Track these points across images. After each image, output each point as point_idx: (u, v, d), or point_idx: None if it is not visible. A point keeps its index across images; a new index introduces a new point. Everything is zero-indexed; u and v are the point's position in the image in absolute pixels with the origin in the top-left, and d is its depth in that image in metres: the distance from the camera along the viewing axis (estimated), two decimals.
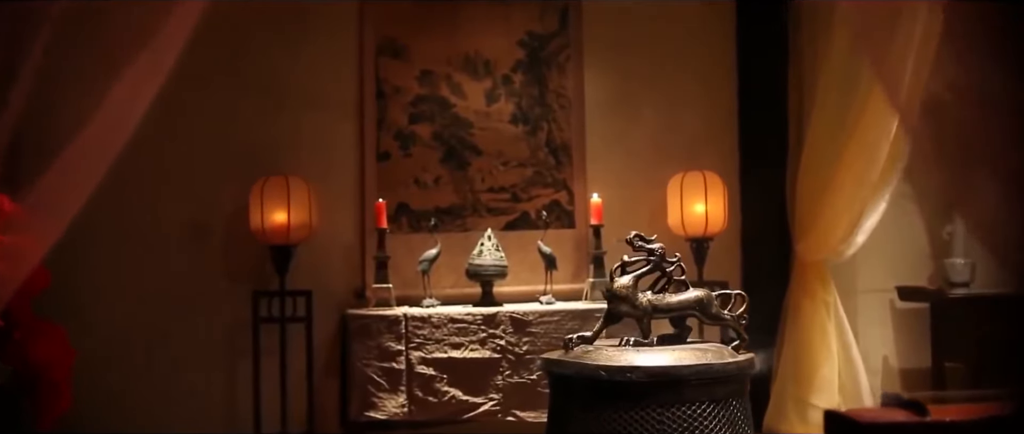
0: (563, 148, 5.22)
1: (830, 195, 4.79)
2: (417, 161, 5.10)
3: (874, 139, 4.53)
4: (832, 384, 5.05)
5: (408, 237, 5.04)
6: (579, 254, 5.17)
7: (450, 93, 5.13)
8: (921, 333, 5.41)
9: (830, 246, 4.96)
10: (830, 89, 4.81)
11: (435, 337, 4.58)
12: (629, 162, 5.27)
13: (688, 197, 4.96)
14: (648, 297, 3.11)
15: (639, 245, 3.16)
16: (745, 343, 3.12)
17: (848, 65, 4.69)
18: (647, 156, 5.25)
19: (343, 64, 5.10)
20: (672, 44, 5.33)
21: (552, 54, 5.21)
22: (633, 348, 3.04)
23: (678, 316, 3.15)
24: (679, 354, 2.96)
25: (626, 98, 5.30)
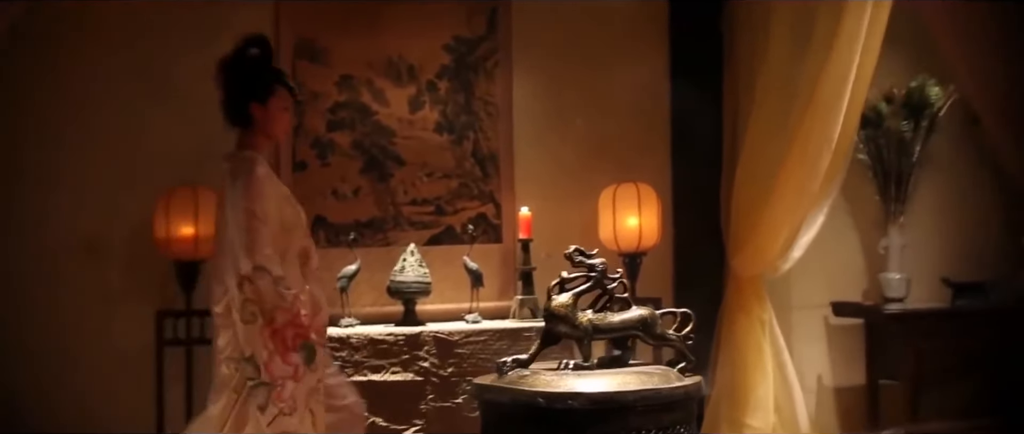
0: (490, 158, 4.99)
1: (769, 207, 4.62)
2: (335, 171, 4.83)
3: (816, 148, 4.39)
4: (767, 404, 4.91)
5: (325, 252, 4.65)
6: (506, 270, 4.94)
7: (371, 99, 4.87)
8: (856, 350, 5.31)
9: (767, 260, 4.80)
10: (768, 96, 4.66)
11: (354, 360, 4.32)
12: (559, 173, 5.06)
13: (621, 210, 4.77)
14: (589, 316, 2.88)
15: (579, 260, 2.93)
16: (692, 365, 2.91)
17: (788, 70, 4.54)
18: (578, 167, 5.05)
19: None
20: (604, 51, 5.14)
21: (479, 59, 4.97)
22: (573, 372, 2.81)
23: (621, 337, 2.93)
24: (623, 378, 2.74)
25: (556, 106, 5.09)
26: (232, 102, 3.43)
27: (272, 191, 3.34)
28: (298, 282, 3.29)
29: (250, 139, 3.44)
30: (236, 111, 3.43)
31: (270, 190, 3.32)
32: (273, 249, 3.20)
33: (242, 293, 3.14)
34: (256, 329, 3.12)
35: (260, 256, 3.14)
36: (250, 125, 3.43)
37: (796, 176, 4.49)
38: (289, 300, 3.14)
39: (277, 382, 3.11)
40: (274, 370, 3.10)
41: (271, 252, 3.18)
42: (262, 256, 3.15)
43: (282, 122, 3.51)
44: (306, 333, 3.19)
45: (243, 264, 3.14)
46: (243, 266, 3.14)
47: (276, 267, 3.17)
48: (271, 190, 3.33)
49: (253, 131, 3.44)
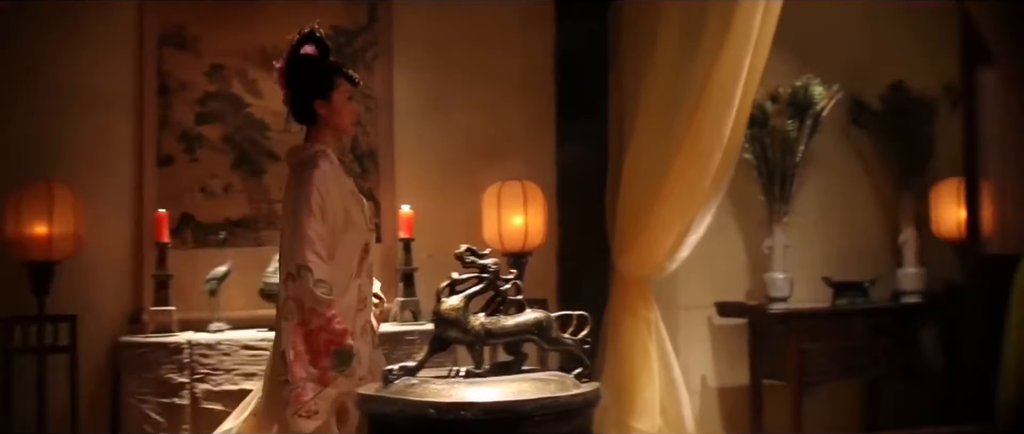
0: (370, 154, 4.79)
1: (657, 207, 4.54)
2: (205, 166, 4.57)
3: (706, 147, 4.32)
4: (654, 406, 4.84)
5: (193, 252, 4.51)
6: (387, 270, 4.72)
7: (244, 91, 4.61)
8: (739, 350, 5.29)
9: (655, 261, 4.73)
10: (656, 95, 4.58)
11: (225, 366, 4.10)
12: (442, 170, 4.89)
13: (506, 208, 4.63)
14: (481, 320, 2.70)
15: (470, 261, 2.76)
16: (589, 370, 2.77)
17: (676, 69, 4.47)
18: (462, 164, 4.90)
19: (119, 55, 4.54)
20: (489, 46, 4.99)
21: (359, 51, 4.77)
22: (465, 380, 2.63)
23: (515, 341, 2.76)
24: (519, 386, 2.57)
25: (439, 101, 4.92)
26: (296, 102, 3.43)
27: (335, 186, 3.30)
28: (352, 279, 3.26)
29: (317, 134, 3.42)
30: (301, 110, 3.43)
31: (333, 185, 3.29)
32: (324, 247, 3.18)
33: (285, 290, 3.14)
34: (291, 327, 3.09)
35: (306, 255, 3.12)
36: (316, 121, 3.42)
37: (686, 176, 4.42)
38: (324, 304, 3.07)
39: (298, 384, 3.03)
40: (297, 372, 3.03)
41: (316, 253, 3.14)
42: (308, 255, 3.12)
43: (348, 114, 3.48)
44: (340, 339, 3.07)
45: (290, 261, 3.15)
46: (289, 263, 3.15)
47: (320, 269, 3.11)
48: (334, 185, 3.30)
49: (319, 127, 3.42)
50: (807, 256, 5.31)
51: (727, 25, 4.22)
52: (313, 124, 3.43)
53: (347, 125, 3.53)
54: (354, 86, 3.50)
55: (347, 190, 3.38)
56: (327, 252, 3.17)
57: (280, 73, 3.43)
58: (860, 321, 5.21)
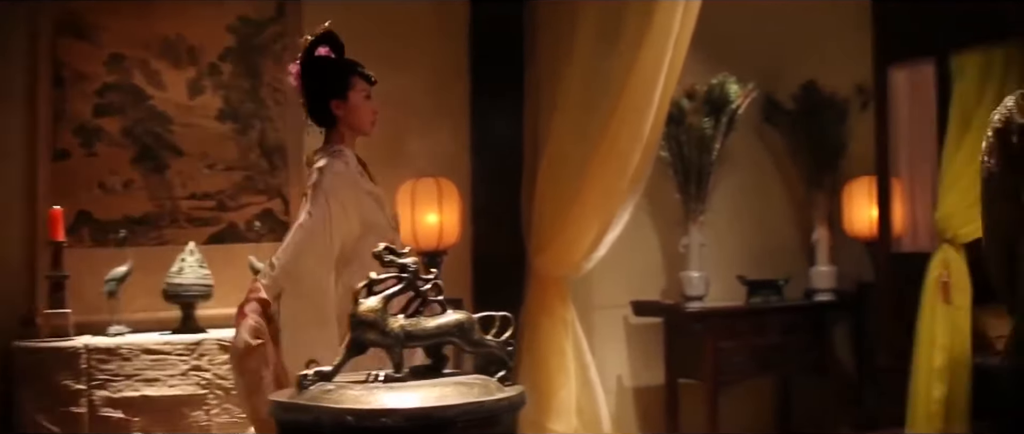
0: (278, 150, 4.62)
1: (575, 206, 4.47)
2: (103, 161, 4.34)
3: (626, 146, 4.27)
4: (570, 407, 4.79)
5: (91, 252, 4.28)
6: None
7: (146, 82, 4.40)
8: (655, 349, 5.27)
9: (572, 261, 4.67)
10: (573, 94, 4.51)
11: (125, 372, 3.90)
12: None
13: (420, 206, 4.52)
14: (400, 322, 2.57)
15: (389, 260, 2.63)
16: (512, 373, 2.67)
17: (595, 68, 4.40)
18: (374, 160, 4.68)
19: (12, 43, 4.27)
20: (403, 41, 4.85)
21: (267, 43, 4.59)
22: (384, 385, 2.49)
23: (436, 344, 2.64)
24: (441, 391, 2.45)
25: None
26: (313, 104, 3.43)
27: (350, 191, 3.30)
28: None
29: (336, 135, 3.43)
30: (319, 112, 3.43)
31: (347, 190, 3.29)
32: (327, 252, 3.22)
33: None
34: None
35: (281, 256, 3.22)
36: (334, 123, 3.42)
37: (604, 174, 4.36)
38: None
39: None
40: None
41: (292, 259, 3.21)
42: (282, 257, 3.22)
43: (366, 113, 3.47)
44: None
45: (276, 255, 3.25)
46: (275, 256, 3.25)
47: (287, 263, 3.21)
48: (349, 190, 3.30)
49: (338, 128, 3.43)
50: (722, 255, 5.32)
51: (647, 23, 4.18)
52: (332, 126, 3.43)
53: (366, 124, 3.50)
54: (371, 84, 3.48)
55: (363, 192, 3.36)
56: (344, 258, 3.21)
57: (295, 76, 3.41)
58: (774, 319, 5.25)
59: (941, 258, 4.37)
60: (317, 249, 3.21)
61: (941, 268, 4.36)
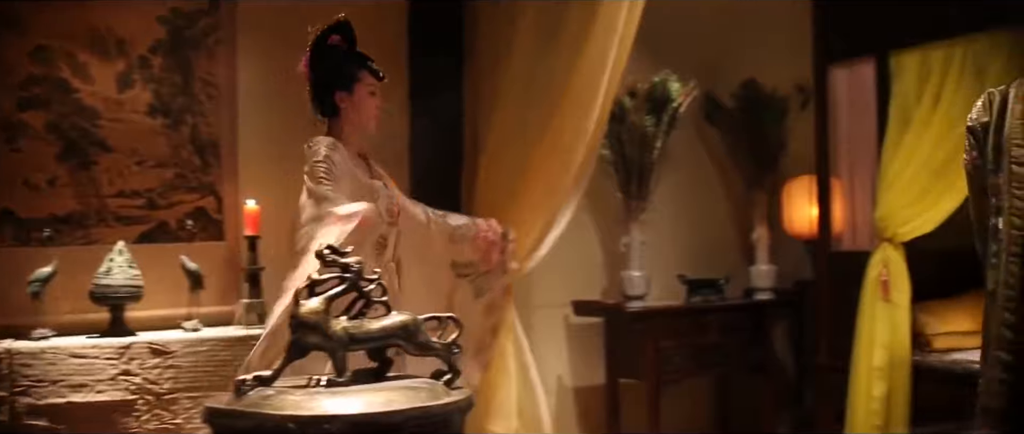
0: (211, 146, 4.49)
1: (516, 205, 4.39)
2: (27, 157, 4.18)
3: (569, 143, 4.20)
4: (510, 408, 4.69)
5: (13, 251, 4.13)
6: (230, 271, 4.46)
7: (72, 75, 4.23)
8: (595, 349, 5.22)
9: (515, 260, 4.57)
10: (515, 92, 4.43)
11: (50, 377, 3.75)
12: (289, 164, 4.51)
13: None
14: (343, 324, 2.49)
15: (331, 259, 2.54)
16: (458, 376, 2.59)
17: (537, 65, 4.33)
18: None
19: None
20: None
21: (200, 35, 4.45)
22: (327, 390, 2.41)
23: (380, 346, 2.56)
24: (387, 395, 2.37)
25: (287, 92, 4.54)
26: (318, 94, 3.44)
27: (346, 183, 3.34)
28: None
29: (337, 128, 3.45)
30: (323, 102, 3.44)
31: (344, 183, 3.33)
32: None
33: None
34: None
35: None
36: (337, 114, 3.44)
37: (547, 172, 4.29)
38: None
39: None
40: None
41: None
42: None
43: (370, 108, 3.48)
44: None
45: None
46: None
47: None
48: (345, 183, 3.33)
49: (340, 120, 3.45)
50: (662, 254, 5.29)
51: (590, 19, 4.12)
52: (334, 117, 3.44)
53: (369, 120, 3.49)
54: (379, 80, 3.46)
55: (359, 184, 3.38)
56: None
57: (304, 63, 3.40)
58: (714, 318, 5.24)
59: (881, 257, 4.39)
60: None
61: (881, 266, 4.37)
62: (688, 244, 5.49)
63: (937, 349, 4.43)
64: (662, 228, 5.30)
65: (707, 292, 5.26)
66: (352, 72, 3.42)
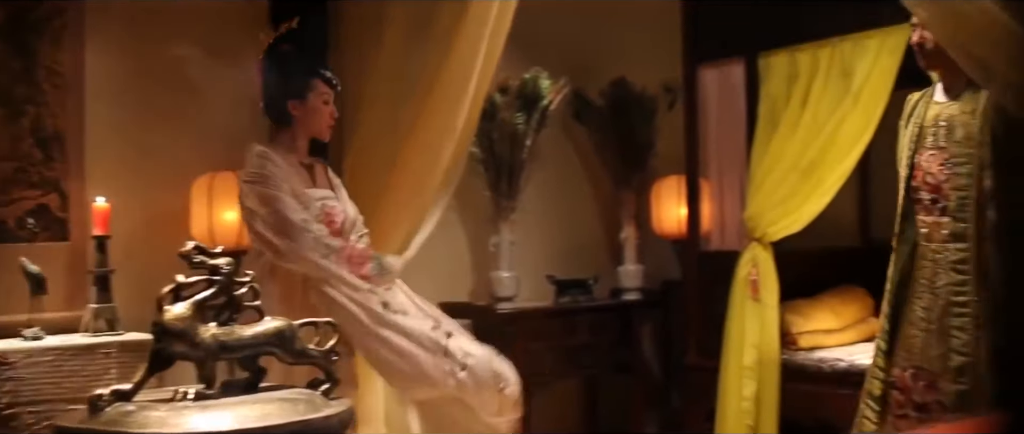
0: (56, 139, 4.14)
1: (383, 205, 4.19)
2: None
3: (437, 140, 4.04)
4: (378, 415, 4.52)
5: None
6: (75, 273, 4.12)
7: None
8: None
9: None
10: (383, 87, 4.23)
11: None
12: (143, 159, 4.30)
13: (219, 202, 4.15)
14: (212, 331, 2.29)
15: (199, 261, 2.34)
16: (337, 385, 2.43)
17: (406, 61, 4.16)
18: (166, 152, 4.34)
19: None
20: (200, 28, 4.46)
21: (43, 20, 4.09)
22: (195, 404, 2.22)
23: (253, 355, 2.37)
24: (263, 408, 2.19)
25: (141, 84, 4.31)
26: (270, 101, 3.43)
27: (281, 186, 3.34)
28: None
29: (288, 135, 3.44)
30: (275, 110, 3.43)
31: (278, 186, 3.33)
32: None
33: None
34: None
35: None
36: (290, 123, 3.42)
37: (415, 171, 4.11)
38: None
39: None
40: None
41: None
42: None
43: (323, 117, 3.46)
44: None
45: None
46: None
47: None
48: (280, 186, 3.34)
49: (293, 128, 3.43)
50: (531, 254, 5.21)
51: (462, 13, 3.98)
52: (286, 125, 3.40)
53: (322, 129, 3.49)
54: (333, 89, 3.46)
55: (292, 194, 3.34)
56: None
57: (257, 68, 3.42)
58: (583, 319, 5.19)
59: (750, 256, 4.41)
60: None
61: (750, 266, 4.39)
62: (557, 244, 5.43)
63: (803, 347, 4.48)
64: (531, 228, 5.22)
65: (576, 292, 5.21)
66: (305, 80, 3.39)
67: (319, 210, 3.48)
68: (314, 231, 3.35)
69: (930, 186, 3.32)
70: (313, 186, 3.55)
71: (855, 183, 4.95)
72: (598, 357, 5.23)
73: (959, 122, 3.28)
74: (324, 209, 3.52)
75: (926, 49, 3.35)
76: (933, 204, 3.30)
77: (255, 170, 3.37)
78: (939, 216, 3.28)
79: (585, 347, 5.16)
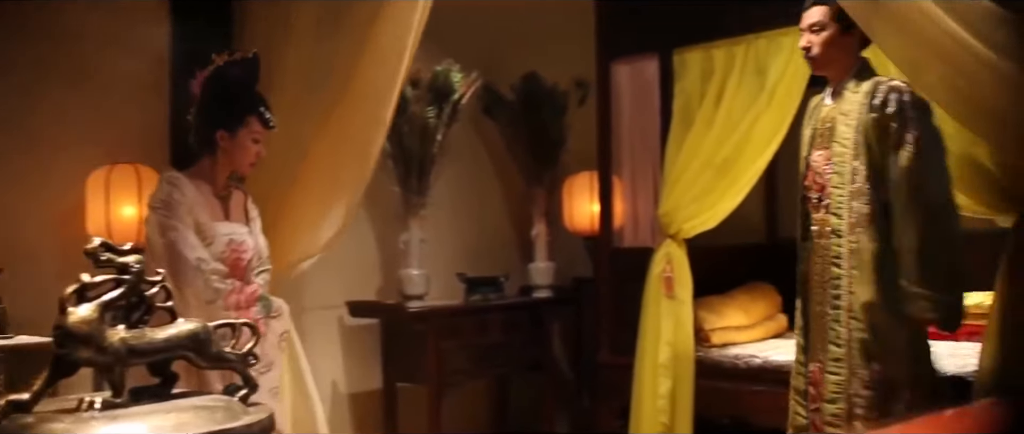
0: None
1: (292, 202, 4.01)
2: None
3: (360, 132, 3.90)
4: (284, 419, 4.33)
5: None
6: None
7: None
8: (372, 352, 4.97)
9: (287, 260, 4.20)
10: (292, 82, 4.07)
11: None
12: (31, 152, 4.03)
13: (117, 196, 3.93)
14: (121, 335, 2.12)
15: (106, 258, 2.17)
16: (255, 391, 2.29)
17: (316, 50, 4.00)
18: (57, 144, 4.07)
19: None
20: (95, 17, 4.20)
21: None
22: (102, 413, 2.04)
23: (164, 359, 2.21)
24: (178, 417, 2.04)
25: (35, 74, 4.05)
26: (200, 125, 3.29)
27: (185, 218, 3.22)
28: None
29: (207, 162, 3.32)
30: (200, 135, 3.30)
31: (180, 217, 3.21)
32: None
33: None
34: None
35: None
36: (214, 151, 3.30)
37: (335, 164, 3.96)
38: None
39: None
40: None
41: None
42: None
43: (248, 155, 3.33)
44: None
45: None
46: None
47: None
48: (182, 218, 3.22)
49: (215, 157, 3.30)
50: (441, 251, 5.10)
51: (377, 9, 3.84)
52: (210, 152, 3.28)
53: (244, 166, 3.37)
54: (266, 128, 3.32)
55: (198, 226, 3.22)
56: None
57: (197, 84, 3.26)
58: (495, 317, 5.11)
59: (664, 253, 4.38)
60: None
61: (664, 263, 4.37)
62: (467, 241, 5.34)
63: (715, 344, 4.48)
64: (441, 224, 5.11)
65: (487, 290, 5.12)
66: (241, 115, 3.27)
67: (225, 246, 3.35)
68: (206, 272, 3.21)
69: (818, 185, 3.37)
70: (225, 219, 3.40)
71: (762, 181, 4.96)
72: (509, 356, 5.15)
73: (840, 122, 3.33)
74: (230, 246, 3.38)
75: (811, 53, 3.39)
76: (819, 202, 3.36)
77: (161, 196, 3.25)
78: (825, 213, 3.34)
79: (497, 346, 5.08)
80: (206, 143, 3.31)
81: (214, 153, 3.31)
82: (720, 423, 4.39)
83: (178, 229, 3.21)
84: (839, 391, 3.27)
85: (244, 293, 3.37)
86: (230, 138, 3.29)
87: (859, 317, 3.22)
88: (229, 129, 3.28)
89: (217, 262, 3.29)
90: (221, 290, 3.25)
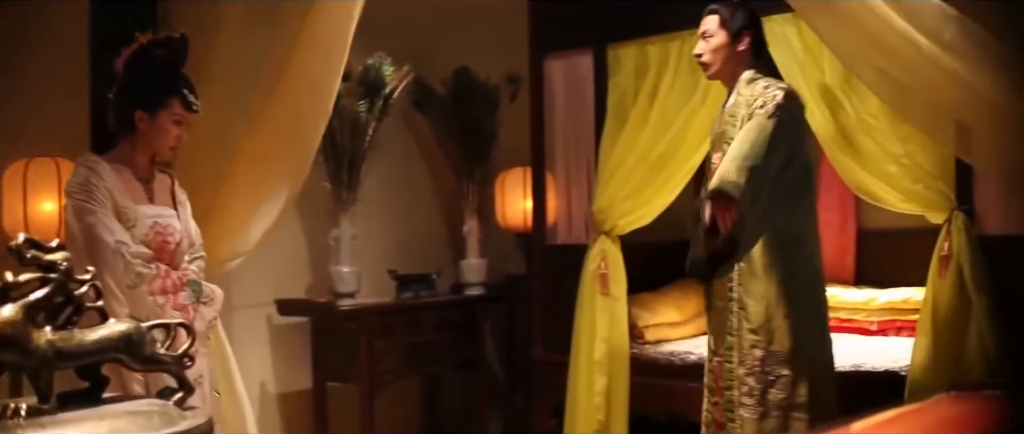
0: None
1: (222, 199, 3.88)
2: None
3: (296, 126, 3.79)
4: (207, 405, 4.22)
5: None
6: None
7: None
8: (301, 351, 4.86)
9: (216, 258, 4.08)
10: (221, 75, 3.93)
11: None
12: None
13: (34, 192, 3.78)
14: (48, 337, 2.02)
15: (32, 256, 2.06)
16: (191, 394, 2.20)
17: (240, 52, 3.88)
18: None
19: None
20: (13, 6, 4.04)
21: None
22: (29, 421, 1.94)
23: (95, 362, 2.11)
24: (112, 423, 1.95)
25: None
26: (119, 104, 3.18)
27: (103, 201, 3.10)
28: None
29: (126, 145, 3.21)
30: (120, 115, 3.19)
31: (99, 201, 3.09)
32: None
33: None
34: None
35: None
36: (133, 132, 3.18)
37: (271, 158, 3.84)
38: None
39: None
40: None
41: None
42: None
43: (169, 137, 3.22)
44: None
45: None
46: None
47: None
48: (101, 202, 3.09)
49: (133, 139, 3.19)
50: (372, 248, 5.02)
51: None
52: (128, 133, 3.18)
53: (164, 149, 3.26)
54: (189, 112, 3.23)
55: (119, 209, 3.11)
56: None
57: (120, 62, 3.17)
58: (427, 315, 5.04)
59: (599, 250, 4.36)
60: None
61: (599, 260, 4.35)
62: (398, 238, 5.26)
63: (649, 341, 4.48)
64: (372, 221, 5.02)
65: (418, 288, 5.05)
66: (162, 96, 3.15)
67: (149, 229, 3.20)
68: (126, 256, 3.08)
69: None
70: (149, 203, 3.26)
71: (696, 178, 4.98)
72: (441, 354, 5.09)
73: (728, 124, 3.40)
74: (155, 229, 3.23)
75: (702, 59, 3.47)
76: None
77: (78, 180, 3.12)
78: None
79: (428, 344, 5.01)
80: (125, 124, 3.18)
81: (133, 135, 3.19)
82: (656, 420, 4.39)
83: (96, 213, 3.08)
84: (731, 380, 3.38)
85: (171, 277, 3.22)
86: (149, 120, 3.16)
87: (747, 309, 3.33)
88: (149, 110, 3.16)
89: (140, 246, 3.15)
90: (144, 274, 3.11)
